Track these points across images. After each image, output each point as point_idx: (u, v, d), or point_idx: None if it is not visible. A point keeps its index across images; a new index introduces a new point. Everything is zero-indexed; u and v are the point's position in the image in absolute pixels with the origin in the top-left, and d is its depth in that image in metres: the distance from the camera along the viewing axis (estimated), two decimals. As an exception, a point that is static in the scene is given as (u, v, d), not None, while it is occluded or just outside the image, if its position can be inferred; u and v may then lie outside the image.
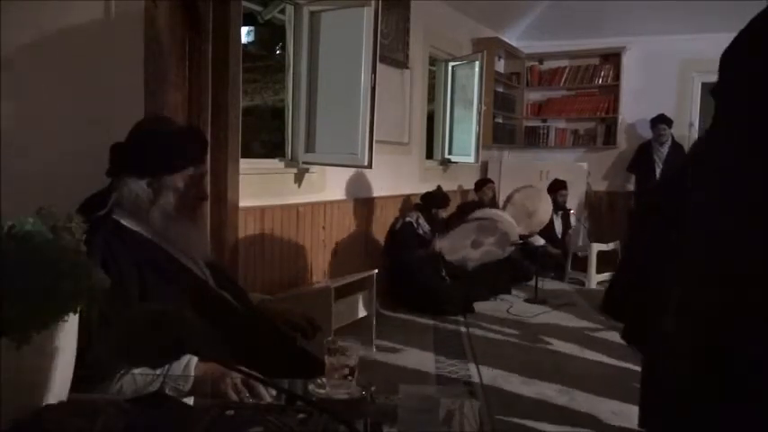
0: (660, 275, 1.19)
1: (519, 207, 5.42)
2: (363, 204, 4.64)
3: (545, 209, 5.48)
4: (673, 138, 6.30)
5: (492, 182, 6.03)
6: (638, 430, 1.39)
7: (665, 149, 6.28)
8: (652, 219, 1.33)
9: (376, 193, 4.77)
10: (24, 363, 0.87)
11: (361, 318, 3.68)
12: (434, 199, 5.03)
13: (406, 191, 5.22)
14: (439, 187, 5.15)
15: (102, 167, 1.66)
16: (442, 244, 4.64)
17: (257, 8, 4.05)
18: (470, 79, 5.91)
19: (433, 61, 5.84)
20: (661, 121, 6.22)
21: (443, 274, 4.76)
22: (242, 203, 3.27)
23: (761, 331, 0.90)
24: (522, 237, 5.50)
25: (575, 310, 4.79)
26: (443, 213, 5.09)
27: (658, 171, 6.30)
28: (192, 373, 1.38)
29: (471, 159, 5.98)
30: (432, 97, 6.09)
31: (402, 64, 4.96)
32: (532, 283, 5.14)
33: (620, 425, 2.71)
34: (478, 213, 4.89)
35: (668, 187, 1.25)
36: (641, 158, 6.44)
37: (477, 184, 5.99)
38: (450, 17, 5.83)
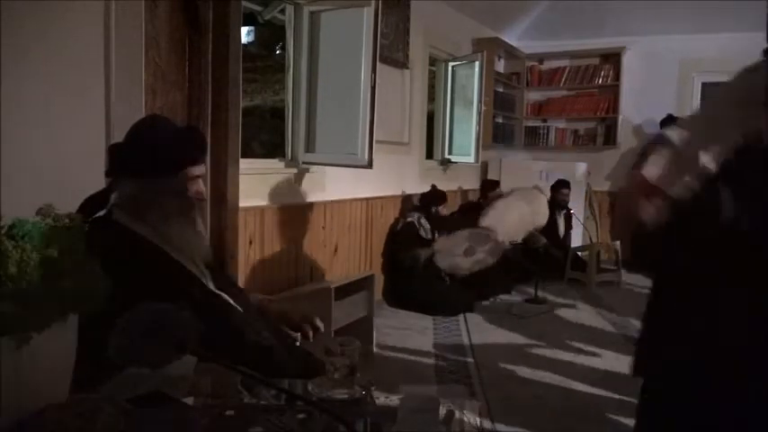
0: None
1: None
2: (363, 204, 4.64)
3: (543, 211, 5.47)
4: None
5: (498, 184, 5.97)
6: None
7: None
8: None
9: (376, 193, 4.77)
10: (24, 363, 0.87)
11: (361, 318, 3.68)
12: (431, 198, 5.03)
13: (407, 191, 5.22)
14: (433, 186, 5.14)
15: (101, 167, 1.66)
16: (437, 247, 4.63)
17: (257, 8, 4.05)
18: (470, 79, 5.91)
19: (433, 61, 5.83)
20: (673, 122, 6.21)
21: (443, 274, 4.76)
22: (242, 203, 3.27)
23: None
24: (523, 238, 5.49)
25: (574, 310, 4.79)
26: (444, 210, 5.07)
27: None
28: (192, 374, 1.38)
29: (471, 159, 5.98)
30: (432, 97, 6.09)
31: (402, 64, 4.96)
32: (532, 283, 5.13)
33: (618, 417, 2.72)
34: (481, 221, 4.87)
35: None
36: None
37: (482, 186, 5.98)
38: (451, 17, 5.83)
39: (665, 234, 0.93)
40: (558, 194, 5.98)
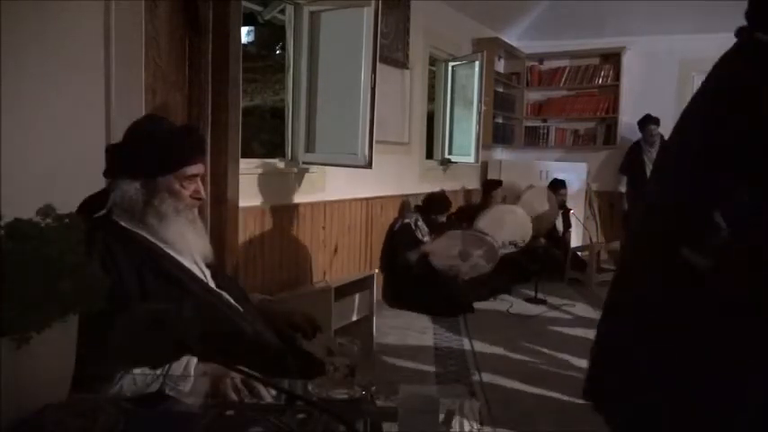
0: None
1: (528, 208, 5.43)
2: (363, 204, 4.64)
3: (552, 212, 5.49)
4: (662, 137, 6.22)
5: (500, 183, 5.95)
6: None
7: (654, 150, 6.17)
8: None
9: (376, 193, 4.77)
10: (24, 363, 0.87)
11: (361, 318, 3.68)
12: (435, 204, 5.02)
13: (406, 191, 5.22)
14: (442, 191, 5.13)
15: (101, 167, 1.66)
16: (429, 249, 4.64)
17: (257, 8, 4.05)
18: (470, 79, 5.91)
19: (433, 61, 5.83)
20: (651, 122, 6.11)
21: (442, 274, 4.75)
22: (242, 203, 3.26)
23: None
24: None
25: (574, 310, 4.79)
26: (443, 218, 5.08)
27: (649, 172, 6.25)
28: (192, 373, 1.38)
29: (471, 159, 5.98)
30: (432, 97, 6.09)
31: (402, 64, 4.96)
32: (532, 283, 5.14)
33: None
34: (478, 223, 4.89)
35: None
36: (632, 160, 6.38)
37: (484, 186, 5.96)
38: (451, 17, 5.83)
39: None
40: (557, 195, 5.98)
